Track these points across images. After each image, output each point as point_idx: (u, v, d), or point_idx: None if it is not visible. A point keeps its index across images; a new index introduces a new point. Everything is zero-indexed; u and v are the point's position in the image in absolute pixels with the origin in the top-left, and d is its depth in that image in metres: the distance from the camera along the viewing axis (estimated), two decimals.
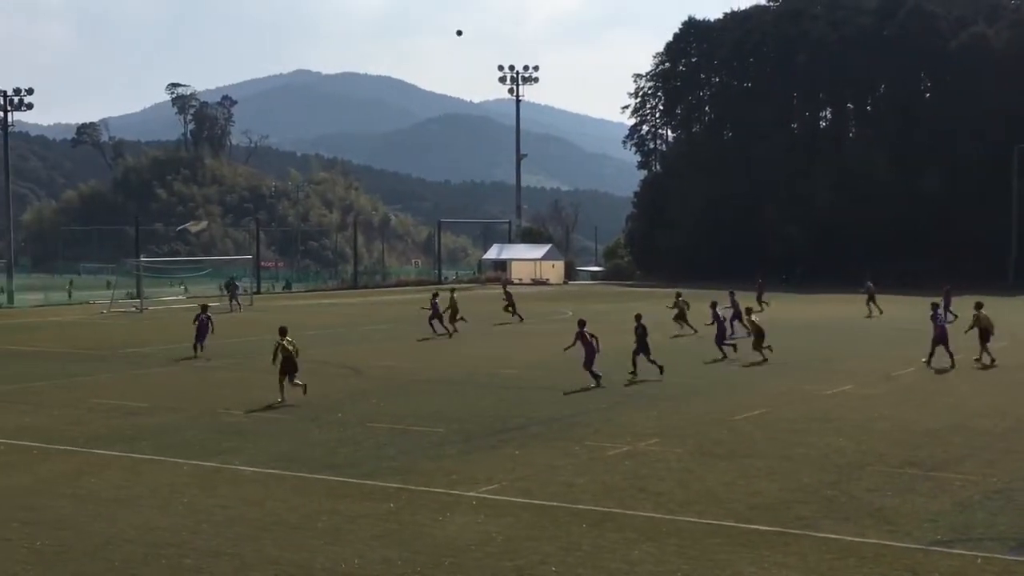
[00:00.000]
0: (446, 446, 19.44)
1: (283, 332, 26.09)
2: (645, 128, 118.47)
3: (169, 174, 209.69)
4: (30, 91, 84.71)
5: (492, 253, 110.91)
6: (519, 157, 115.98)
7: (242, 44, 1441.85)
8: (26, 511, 14.91)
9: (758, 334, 32.87)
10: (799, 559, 12.48)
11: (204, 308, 37.63)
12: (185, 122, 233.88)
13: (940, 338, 31.05)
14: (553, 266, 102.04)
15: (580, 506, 14.90)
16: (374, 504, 15.13)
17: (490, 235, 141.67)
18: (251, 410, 23.80)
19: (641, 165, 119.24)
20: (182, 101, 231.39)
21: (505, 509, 14.79)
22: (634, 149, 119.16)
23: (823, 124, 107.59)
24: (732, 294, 43.65)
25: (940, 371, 30.32)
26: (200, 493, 15.92)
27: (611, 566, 12.25)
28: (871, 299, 52.52)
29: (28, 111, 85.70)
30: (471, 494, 15.61)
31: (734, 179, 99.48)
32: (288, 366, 25.49)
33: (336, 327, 47.42)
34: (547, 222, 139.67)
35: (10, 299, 71.91)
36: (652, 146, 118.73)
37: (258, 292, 77.76)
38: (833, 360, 33.37)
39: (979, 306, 32.56)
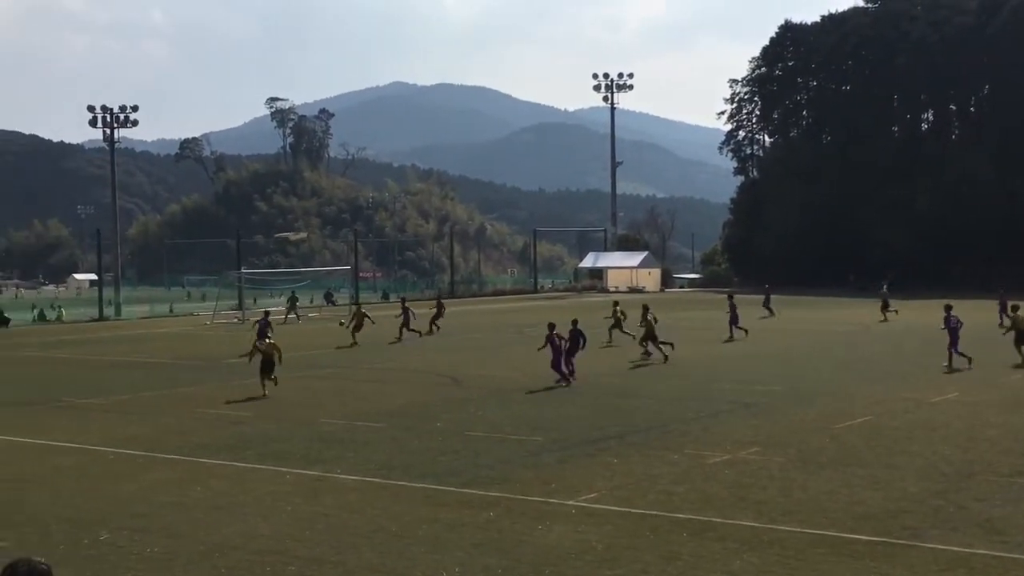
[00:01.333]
0: (544, 455, 19.43)
1: (261, 335, 29.89)
2: (741, 133, 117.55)
3: (269, 187, 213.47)
4: (135, 108, 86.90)
5: (588, 261, 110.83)
6: (614, 164, 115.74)
7: (339, 58, 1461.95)
8: (135, 518, 15.24)
9: (649, 333, 35.46)
10: (906, 570, 12.23)
11: (266, 314, 41.53)
12: (284, 135, 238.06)
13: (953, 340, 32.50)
14: (649, 273, 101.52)
15: (680, 515, 14.78)
16: (473, 512, 15.18)
17: (585, 243, 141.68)
18: (351, 419, 24.04)
19: (738, 171, 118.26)
20: (281, 115, 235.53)
21: (604, 518, 14.73)
22: (730, 155, 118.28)
23: (924, 126, 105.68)
24: (731, 297, 45.64)
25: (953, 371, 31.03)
26: (302, 501, 16.13)
27: None
28: (885, 305, 53.26)
29: (133, 128, 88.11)
30: (570, 503, 15.58)
31: (833, 183, 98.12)
32: (266, 366, 28.45)
33: (432, 336, 47.70)
34: (643, 229, 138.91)
35: (118, 311, 73.71)
36: (749, 151, 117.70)
37: (357, 302, 78.60)
38: (934, 367, 32.64)
39: (1016, 308, 33.64)
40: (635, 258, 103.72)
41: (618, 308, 43.88)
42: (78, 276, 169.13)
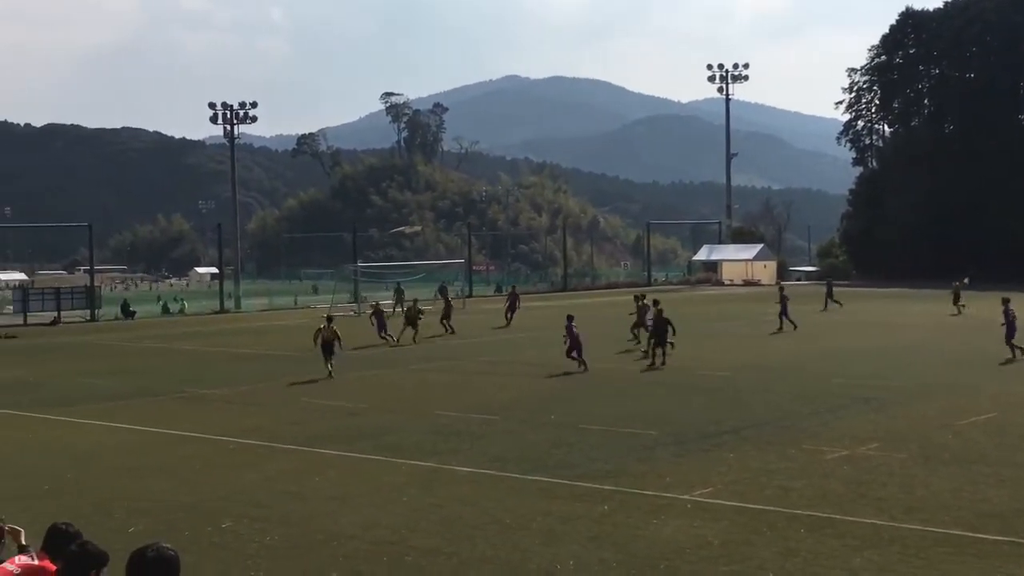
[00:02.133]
0: (658, 448, 19.33)
1: (329, 319, 32.41)
2: (860, 123, 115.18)
3: (384, 181, 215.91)
4: (254, 104, 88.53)
5: (702, 254, 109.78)
6: (729, 156, 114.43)
7: (452, 52, 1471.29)
8: (255, 507, 15.56)
9: (661, 329, 34.21)
10: None
11: (377, 304, 44.76)
12: (399, 130, 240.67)
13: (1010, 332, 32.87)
14: (765, 266, 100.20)
15: (797, 511, 14.57)
16: (588, 506, 15.16)
17: (700, 236, 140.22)
18: (465, 411, 24.18)
19: (856, 162, 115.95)
20: (396, 110, 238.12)
21: (720, 513, 14.59)
22: (849, 145, 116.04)
23: None
24: (782, 289, 46.30)
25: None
26: (418, 493, 16.28)
27: (831, 573, 11.94)
28: (957, 297, 52.36)
29: (252, 124, 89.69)
30: (685, 497, 15.47)
31: (956, 174, 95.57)
32: (327, 348, 31.09)
33: (545, 329, 47.73)
34: (758, 222, 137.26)
35: (238, 304, 75.30)
36: (868, 142, 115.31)
37: (470, 295, 79.17)
38: None
39: None
40: (750, 251, 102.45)
41: (645, 301, 43.53)
42: (200, 269, 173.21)
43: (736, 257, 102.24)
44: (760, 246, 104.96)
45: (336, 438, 21.20)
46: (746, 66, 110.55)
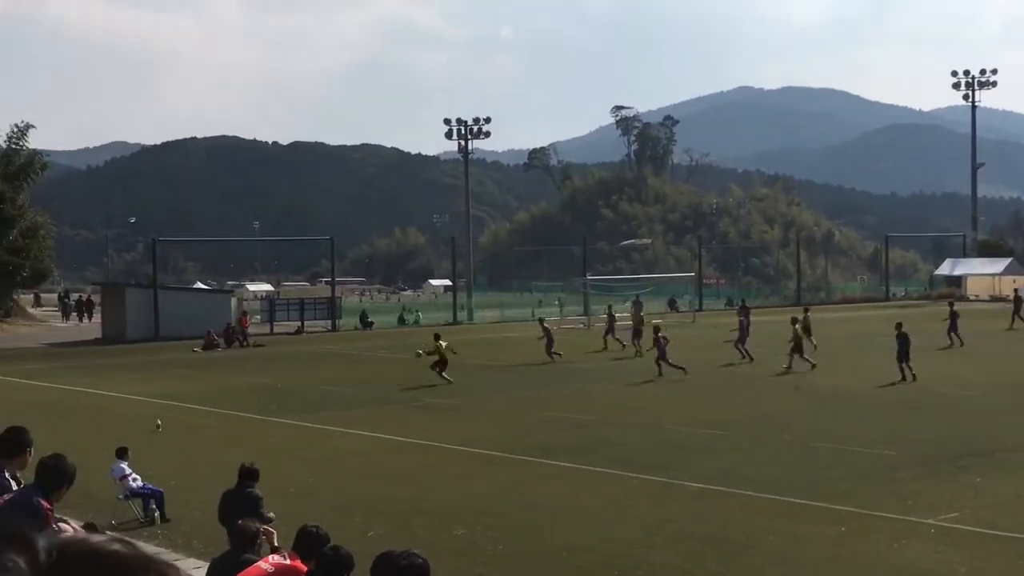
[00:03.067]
0: (899, 470, 18.60)
1: (437, 337, 34.91)
2: None
3: (613, 194, 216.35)
4: (487, 120, 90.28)
5: (945, 268, 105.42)
6: (975, 166, 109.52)
7: (683, 64, 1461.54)
8: (488, 516, 15.78)
9: (797, 342, 35.84)
10: None
11: (542, 321, 45.16)
12: (628, 143, 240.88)
13: None
14: (1014, 281, 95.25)
15: None
16: (823, 527, 14.72)
17: (942, 249, 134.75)
18: (694, 426, 23.89)
19: None
20: (626, 123, 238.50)
21: (967, 540, 13.92)
22: None
23: None
24: (951, 304, 45.97)
25: None
26: (649, 507, 16.18)
27: None
28: None
29: (485, 139, 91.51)
30: (929, 522, 14.82)
31: None
32: (440, 363, 33.66)
33: (775, 343, 46.68)
34: (1007, 235, 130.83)
35: (470, 316, 76.71)
36: None
37: (700, 309, 78.42)
38: None
39: None
40: (998, 265, 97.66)
41: (747, 315, 42.32)
42: (433, 282, 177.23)
43: (982, 271, 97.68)
44: (1009, 260, 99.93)
45: (567, 450, 21.29)
46: (995, 71, 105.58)
